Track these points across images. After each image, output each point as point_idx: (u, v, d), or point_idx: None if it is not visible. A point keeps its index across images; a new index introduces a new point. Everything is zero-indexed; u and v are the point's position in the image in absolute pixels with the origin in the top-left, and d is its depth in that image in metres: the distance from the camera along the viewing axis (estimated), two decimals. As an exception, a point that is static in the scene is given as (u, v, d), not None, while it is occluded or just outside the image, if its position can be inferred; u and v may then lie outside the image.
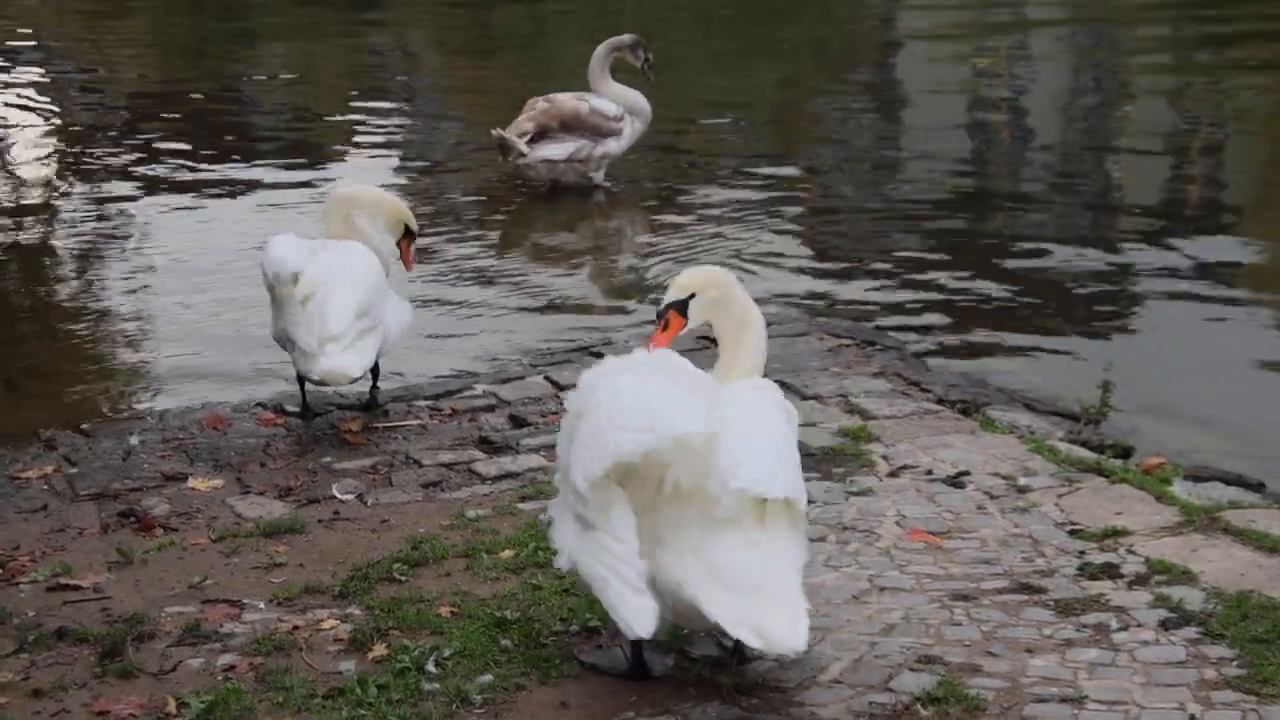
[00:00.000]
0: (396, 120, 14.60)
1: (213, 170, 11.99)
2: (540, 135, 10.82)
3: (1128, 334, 8.37)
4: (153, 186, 11.54)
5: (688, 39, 18.99)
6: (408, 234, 6.94)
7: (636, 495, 4.19)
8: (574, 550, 4.26)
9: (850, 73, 16.74)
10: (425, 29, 20.85)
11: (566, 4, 22.01)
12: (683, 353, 7.51)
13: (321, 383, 6.47)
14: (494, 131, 10.77)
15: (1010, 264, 9.47)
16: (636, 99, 11.11)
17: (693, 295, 4.64)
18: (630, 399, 4.20)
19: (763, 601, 4.04)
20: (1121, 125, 14.21)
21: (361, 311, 6.40)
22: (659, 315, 4.69)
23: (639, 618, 4.05)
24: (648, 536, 4.17)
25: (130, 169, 12.13)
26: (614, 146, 11.06)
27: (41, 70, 17.38)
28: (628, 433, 4.10)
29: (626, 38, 11.18)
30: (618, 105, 11.01)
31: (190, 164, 12.22)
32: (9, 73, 16.61)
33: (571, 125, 10.86)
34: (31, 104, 15.35)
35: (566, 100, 10.94)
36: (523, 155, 10.76)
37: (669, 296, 4.68)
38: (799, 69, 17.05)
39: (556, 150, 10.85)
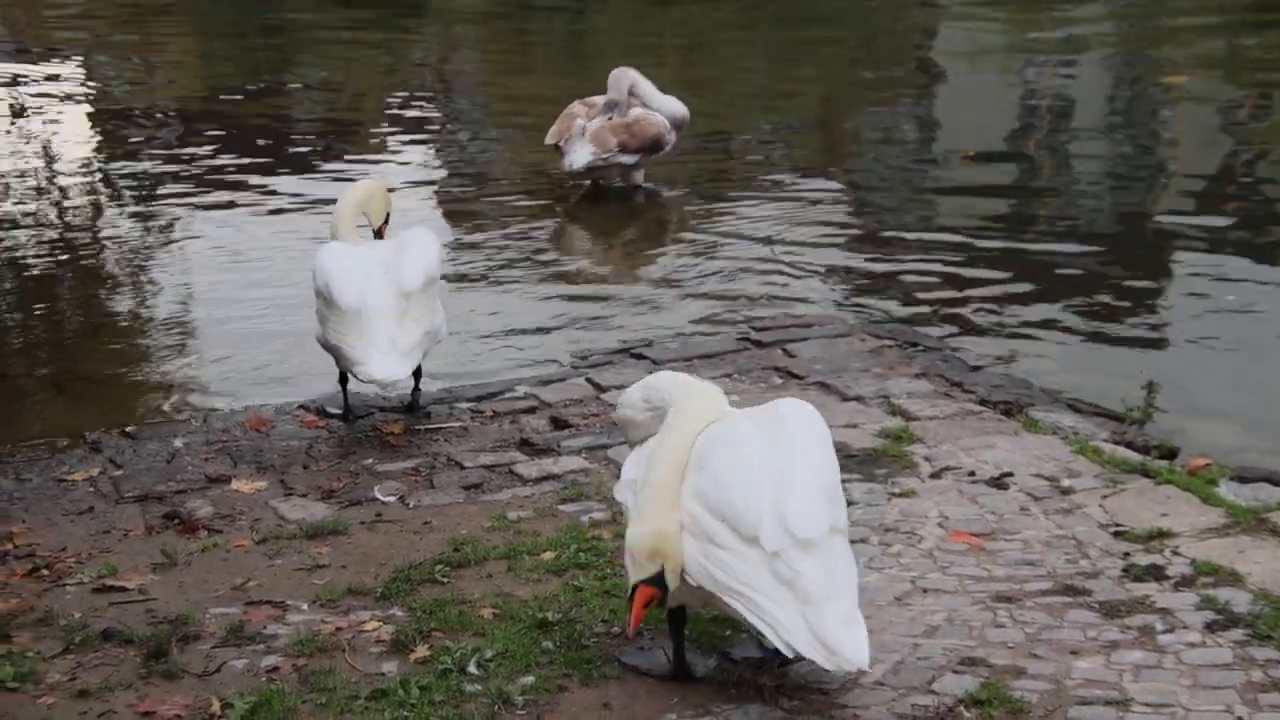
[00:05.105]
0: (436, 125, 14.63)
1: (255, 176, 12.04)
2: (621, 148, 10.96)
3: (1173, 334, 8.28)
4: (196, 193, 11.61)
5: (729, 43, 18.96)
6: (387, 219, 7.14)
7: None
8: (702, 562, 4.18)
9: (891, 80, 16.66)
10: (465, 37, 20.92)
11: (606, 15, 22.01)
12: (723, 354, 7.54)
13: (371, 380, 6.49)
14: (586, 135, 10.88)
15: (1053, 266, 9.40)
16: (679, 107, 11.19)
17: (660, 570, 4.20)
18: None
19: (825, 617, 4.03)
20: (1167, 125, 14.10)
21: (430, 280, 6.53)
22: (630, 597, 4.24)
23: (797, 637, 4.03)
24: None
25: (173, 176, 12.21)
26: (660, 154, 11.20)
27: (85, 78, 17.52)
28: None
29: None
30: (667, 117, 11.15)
31: (233, 171, 12.29)
32: (55, 82, 16.74)
33: (646, 146, 10.99)
34: (76, 113, 15.47)
35: (649, 125, 10.99)
36: (614, 163, 10.95)
37: (633, 574, 4.22)
38: (840, 75, 16.99)
39: (626, 158, 10.98)
